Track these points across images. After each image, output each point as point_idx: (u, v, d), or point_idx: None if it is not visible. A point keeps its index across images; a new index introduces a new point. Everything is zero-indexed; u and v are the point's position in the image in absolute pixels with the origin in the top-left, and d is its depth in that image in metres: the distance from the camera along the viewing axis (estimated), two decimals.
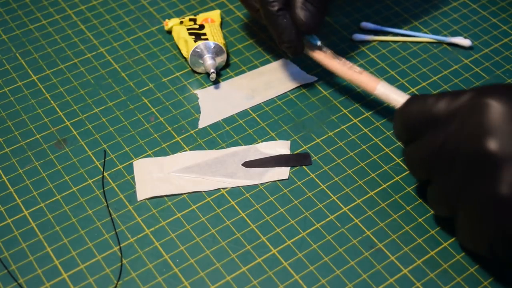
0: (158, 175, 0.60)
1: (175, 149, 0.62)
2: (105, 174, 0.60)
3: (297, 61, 0.69)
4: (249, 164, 0.61)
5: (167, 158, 0.61)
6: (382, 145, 0.62)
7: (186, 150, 0.62)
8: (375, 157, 0.62)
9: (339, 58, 0.63)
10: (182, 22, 0.70)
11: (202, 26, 0.69)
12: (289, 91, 0.67)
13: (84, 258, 0.55)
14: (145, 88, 0.67)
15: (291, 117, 0.65)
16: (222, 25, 0.73)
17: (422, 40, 0.71)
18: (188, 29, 0.69)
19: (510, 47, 0.71)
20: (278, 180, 0.60)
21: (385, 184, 0.60)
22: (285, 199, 0.59)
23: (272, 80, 0.68)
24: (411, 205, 0.58)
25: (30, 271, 0.54)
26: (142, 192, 0.59)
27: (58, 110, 0.65)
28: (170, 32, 0.72)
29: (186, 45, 0.68)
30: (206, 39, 0.67)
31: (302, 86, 0.67)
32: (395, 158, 0.61)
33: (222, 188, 0.59)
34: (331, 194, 0.59)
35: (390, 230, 0.57)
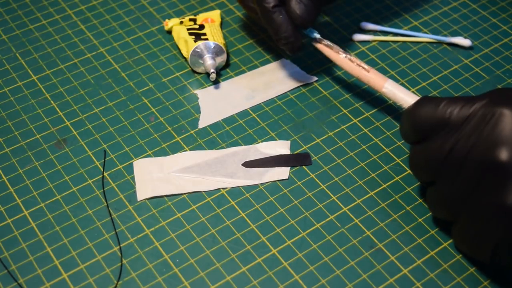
0: (158, 175, 0.60)
1: (175, 149, 0.62)
2: (105, 174, 0.60)
3: (297, 61, 0.69)
4: (249, 164, 0.61)
5: (167, 158, 0.61)
6: (382, 145, 0.62)
7: (186, 150, 0.62)
8: (375, 157, 0.62)
9: (347, 53, 0.63)
10: (182, 22, 0.70)
11: (202, 26, 0.69)
12: (289, 91, 0.67)
13: (84, 258, 0.55)
14: (145, 88, 0.67)
15: (291, 117, 0.65)
16: (222, 25, 0.73)
17: (422, 40, 0.71)
18: (188, 29, 0.69)
19: (510, 47, 0.71)
20: (278, 180, 0.60)
21: (385, 184, 0.60)
22: (285, 199, 0.59)
23: (272, 80, 0.68)
24: (411, 205, 0.58)
25: (30, 271, 0.54)
26: (142, 192, 0.59)
27: (58, 110, 0.65)
28: (170, 32, 0.72)
29: (186, 45, 0.68)
30: (206, 39, 0.67)
31: (302, 86, 0.67)
32: (395, 158, 0.61)
33: (222, 188, 0.59)
34: (331, 194, 0.59)
35: (390, 230, 0.57)
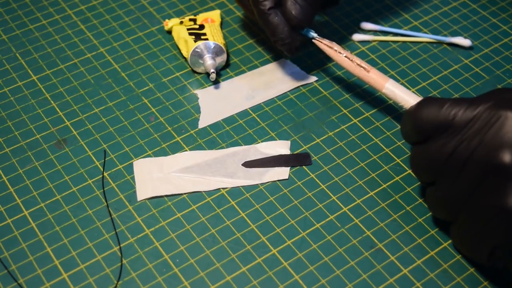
0: (158, 175, 0.60)
1: (175, 149, 0.62)
2: (105, 174, 0.60)
3: (297, 61, 0.69)
4: (249, 164, 0.61)
5: (167, 158, 0.61)
6: (382, 145, 0.62)
7: (186, 150, 0.62)
8: (375, 157, 0.62)
9: (347, 52, 0.62)
10: (182, 22, 0.70)
11: (202, 26, 0.69)
12: (289, 91, 0.67)
13: (84, 258, 0.55)
14: (145, 88, 0.67)
15: (291, 117, 0.65)
16: (222, 25, 0.73)
17: (422, 40, 0.71)
18: (188, 29, 0.69)
19: (510, 47, 0.71)
20: (278, 180, 0.60)
21: (385, 184, 0.60)
22: (285, 199, 0.59)
23: (272, 80, 0.68)
24: (411, 205, 0.58)
25: (30, 271, 0.54)
26: (142, 192, 0.59)
27: (58, 110, 0.65)
28: (170, 32, 0.72)
29: (186, 45, 0.67)
30: (206, 39, 0.67)
31: (302, 86, 0.67)
32: (395, 158, 0.61)
33: (222, 188, 0.59)
34: (331, 194, 0.59)
35: (390, 230, 0.57)
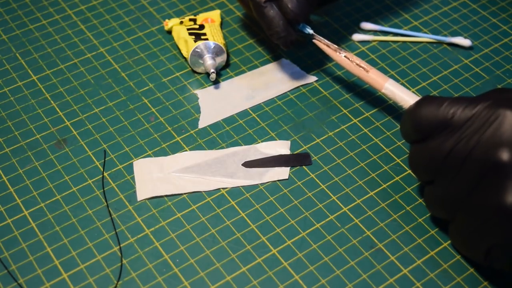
0: (158, 175, 0.60)
1: (175, 149, 0.62)
2: (105, 174, 0.60)
3: (297, 61, 0.69)
4: (249, 164, 0.61)
5: (167, 158, 0.61)
6: (382, 145, 0.62)
7: (186, 150, 0.62)
8: (375, 157, 0.62)
9: (346, 52, 0.62)
10: (182, 22, 0.70)
11: (202, 26, 0.69)
12: (289, 91, 0.67)
13: (84, 258, 0.55)
14: (145, 88, 0.67)
15: (291, 117, 0.65)
16: (222, 25, 0.73)
17: (422, 40, 0.71)
18: (188, 29, 0.69)
19: (510, 47, 0.71)
20: (278, 180, 0.60)
21: (385, 184, 0.60)
22: (285, 199, 0.59)
23: (272, 80, 0.68)
24: (411, 205, 0.58)
25: (30, 271, 0.54)
26: (142, 192, 0.59)
27: (58, 110, 0.65)
28: (170, 32, 0.72)
29: (186, 45, 0.67)
30: (206, 39, 0.67)
31: (302, 86, 0.67)
32: (395, 158, 0.61)
33: (222, 188, 0.59)
34: (331, 194, 0.59)
35: (390, 230, 0.57)
